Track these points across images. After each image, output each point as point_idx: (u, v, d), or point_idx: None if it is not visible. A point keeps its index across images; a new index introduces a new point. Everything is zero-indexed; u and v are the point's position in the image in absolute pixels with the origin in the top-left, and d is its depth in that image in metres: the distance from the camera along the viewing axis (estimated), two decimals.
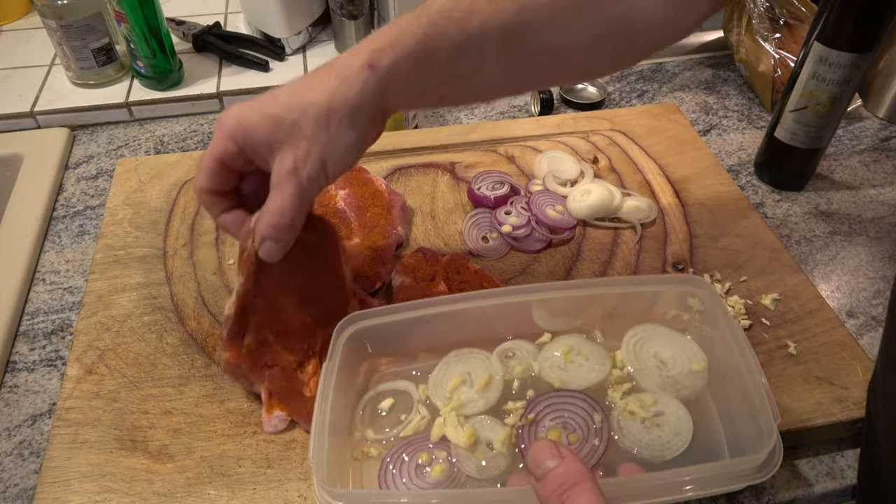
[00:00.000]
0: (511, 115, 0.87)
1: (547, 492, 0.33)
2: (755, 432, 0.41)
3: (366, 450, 0.46)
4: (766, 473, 0.39)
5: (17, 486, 0.49)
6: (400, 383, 0.49)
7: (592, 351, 0.49)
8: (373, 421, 0.47)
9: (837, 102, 0.67)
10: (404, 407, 0.48)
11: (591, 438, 0.44)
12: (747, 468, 0.39)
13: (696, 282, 0.49)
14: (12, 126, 0.81)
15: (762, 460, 0.39)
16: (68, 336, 0.59)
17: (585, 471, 0.33)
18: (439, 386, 0.48)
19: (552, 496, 0.33)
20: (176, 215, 0.66)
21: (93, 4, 0.80)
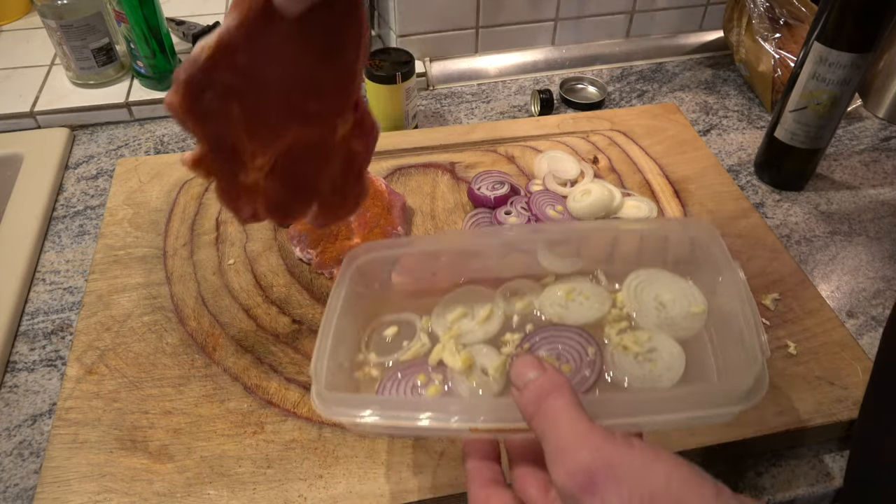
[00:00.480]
0: (511, 115, 0.87)
1: (526, 400, 0.33)
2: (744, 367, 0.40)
3: (366, 371, 0.47)
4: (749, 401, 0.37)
5: (17, 486, 0.49)
6: (405, 314, 0.50)
7: (593, 291, 0.50)
8: (376, 346, 0.48)
9: (837, 102, 0.67)
10: (407, 335, 0.49)
11: (582, 369, 0.45)
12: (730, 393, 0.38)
13: (701, 225, 0.49)
14: (12, 126, 0.81)
15: (746, 388, 0.37)
16: (68, 336, 0.59)
17: (565, 380, 0.34)
18: (442, 317, 0.49)
19: (530, 403, 0.33)
20: (176, 215, 0.66)
21: (93, 4, 0.80)
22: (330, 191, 0.45)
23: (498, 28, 0.91)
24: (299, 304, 0.58)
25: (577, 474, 0.29)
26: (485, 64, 0.93)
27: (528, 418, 0.33)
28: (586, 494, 0.29)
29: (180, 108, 0.37)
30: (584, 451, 0.30)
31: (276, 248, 0.63)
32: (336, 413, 0.39)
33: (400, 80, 0.75)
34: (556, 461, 0.31)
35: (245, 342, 0.55)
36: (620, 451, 0.29)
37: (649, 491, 0.28)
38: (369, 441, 0.49)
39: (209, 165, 0.39)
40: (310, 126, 0.41)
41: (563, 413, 0.32)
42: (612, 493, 0.28)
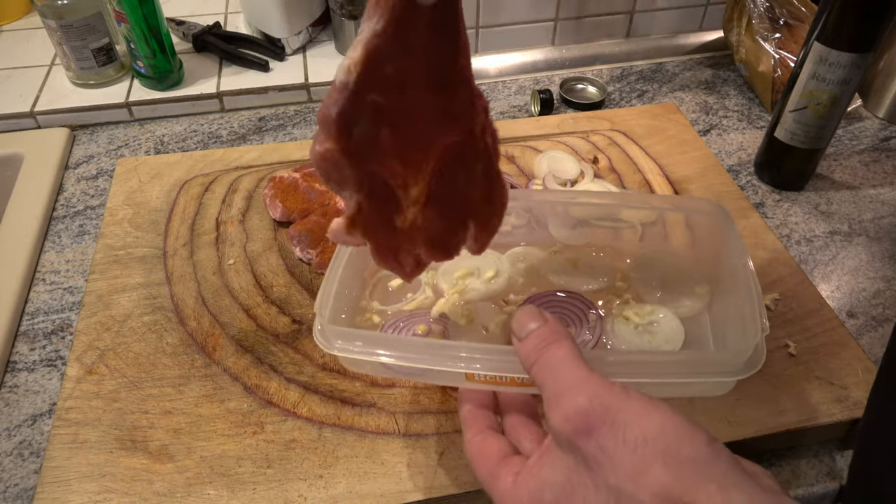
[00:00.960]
0: (511, 115, 0.87)
1: (527, 349, 0.34)
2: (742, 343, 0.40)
3: (369, 316, 0.47)
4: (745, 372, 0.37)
5: (18, 486, 0.49)
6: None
7: (599, 263, 0.51)
8: (381, 295, 0.49)
9: (837, 102, 0.67)
10: (412, 289, 0.50)
11: (583, 333, 0.45)
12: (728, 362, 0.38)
13: (712, 207, 0.49)
14: (12, 126, 0.81)
15: (744, 359, 0.38)
16: (68, 336, 0.59)
17: (566, 332, 0.34)
18: (448, 273, 0.50)
19: (531, 352, 0.33)
20: (176, 215, 0.66)
21: (93, 4, 0.80)
22: (481, 200, 0.40)
23: (498, 28, 0.91)
24: (299, 304, 0.58)
25: (574, 418, 0.30)
26: (485, 64, 0.93)
27: (528, 367, 0.33)
28: (582, 437, 0.29)
29: (339, 153, 0.32)
30: (581, 396, 0.30)
31: (276, 248, 0.63)
32: (335, 347, 0.39)
33: None
34: (553, 405, 0.31)
35: (245, 342, 0.55)
36: (618, 397, 0.30)
37: (643, 436, 0.29)
38: (369, 441, 0.49)
39: (365, 222, 0.36)
40: (454, 128, 0.36)
41: (563, 361, 0.32)
42: (608, 437, 0.29)
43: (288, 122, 0.85)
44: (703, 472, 0.28)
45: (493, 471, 0.34)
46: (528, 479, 0.32)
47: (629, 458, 0.28)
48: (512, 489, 0.32)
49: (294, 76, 0.88)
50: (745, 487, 0.27)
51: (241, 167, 0.71)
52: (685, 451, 0.28)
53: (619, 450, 0.29)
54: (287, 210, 0.64)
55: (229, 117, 0.85)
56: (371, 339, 0.40)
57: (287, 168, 0.70)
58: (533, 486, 0.32)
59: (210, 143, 0.81)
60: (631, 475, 0.28)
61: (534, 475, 0.32)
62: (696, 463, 0.28)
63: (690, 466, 0.28)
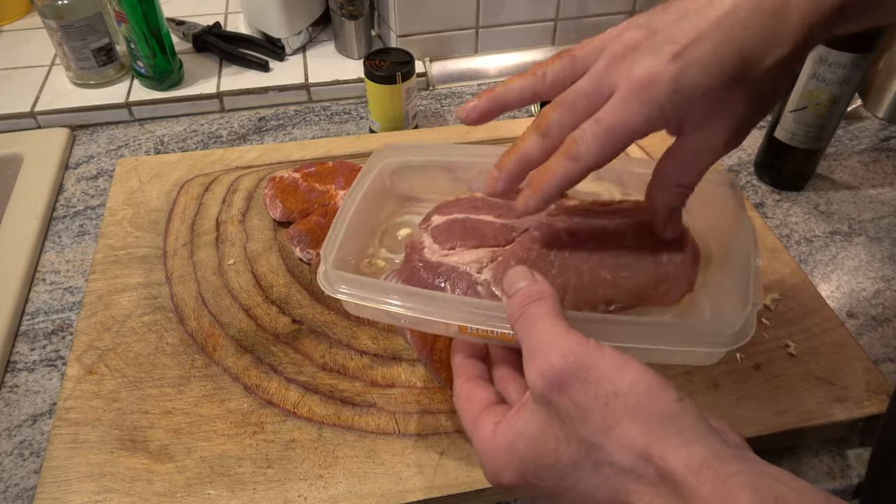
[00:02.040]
0: (511, 115, 0.87)
1: (513, 305, 0.34)
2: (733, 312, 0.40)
3: (373, 261, 0.47)
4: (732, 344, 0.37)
5: (18, 486, 0.49)
6: (420, 218, 0.50)
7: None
8: (389, 243, 0.48)
9: (837, 102, 0.67)
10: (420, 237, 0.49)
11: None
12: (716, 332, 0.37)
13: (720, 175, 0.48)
14: (12, 126, 0.81)
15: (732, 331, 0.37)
16: (68, 336, 0.59)
17: (551, 291, 0.34)
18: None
19: (516, 308, 0.34)
20: (176, 215, 0.66)
21: (93, 4, 0.80)
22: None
23: (498, 28, 0.91)
24: (299, 304, 0.58)
25: (548, 373, 0.31)
26: (485, 64, 0.93)
27: (512, 323, 0.34)
28: (555, 392, 0.30)
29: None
30: (555, 352, 0.31)
31: (276, 248, 0.63)
32: (339, 291, 0.40)
33: (400, 80, 0.75)
34: (530, 361, 0.32)
35: (245, 342, 0.55)
36: (591, 353, 0.31)
37: (615, 391, 0.30)
38: (369, 441, 0.49)
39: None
40: None
41: (543, 319, 0.33)
42: (580, 392, 0.30)
43: (288, 122, 0.85)
44: (669, 426, 0.29)
45: (476, 418, 0.36)
46: (505, 429, 0.33)
47: (600, 413, 0.30)
48: (491, 437, 0.34)
49: (294, 76, 0.88)
50: (708, 441, 0.29)
51: (241, 167, 0.72)
52: (654, 407, 0.29)
53: (591, 405, 0.30)
54: (287, 210, 0.64)
55: (229, 117, 0.85)
56: (369, 286, 0.40)
57: (287, 168, 0.70)
58: (510, 436, 0.33)
59: (210, 143, 0.81)
60: (601, 429, 0.30)
61: (511, 425, 0.33)
62: (663, 418, 0.29)
63: (658, 421, 0.29)
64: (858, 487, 0.50)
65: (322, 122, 0.85)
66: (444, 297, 0.40)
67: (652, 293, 0.41)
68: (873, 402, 0.51)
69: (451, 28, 0.90)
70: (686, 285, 0.42)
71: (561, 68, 0.39)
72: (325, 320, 0.57)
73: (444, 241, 0.45)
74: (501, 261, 0.42)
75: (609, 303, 0.41)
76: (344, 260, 0.43)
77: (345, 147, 0.74)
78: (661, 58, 0.34)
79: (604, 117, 0.35)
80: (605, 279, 0.41)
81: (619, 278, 0.41)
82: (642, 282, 0.41)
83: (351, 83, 0.88)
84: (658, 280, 0.42)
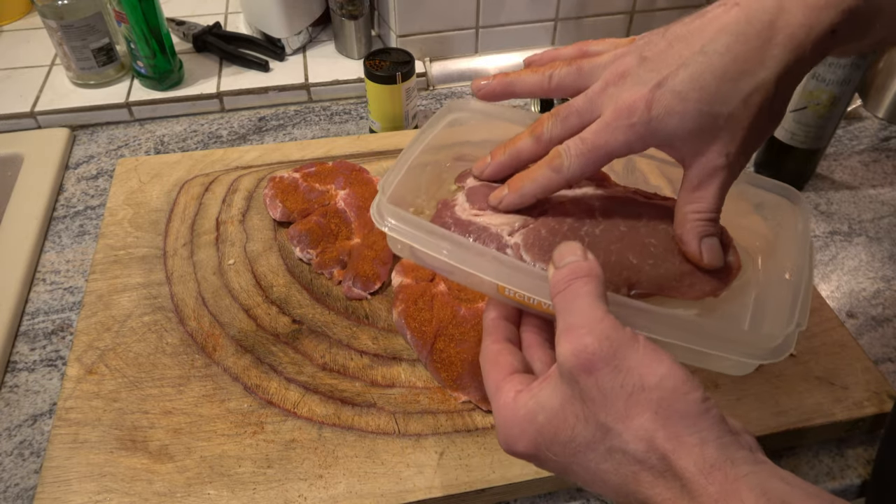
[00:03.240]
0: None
1: (558, 277, 0.34)
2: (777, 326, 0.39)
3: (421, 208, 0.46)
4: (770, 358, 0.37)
5: (18, 486, 0.49)
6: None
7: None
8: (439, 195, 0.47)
9: (837, 102, 0.67)
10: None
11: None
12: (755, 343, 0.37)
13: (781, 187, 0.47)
14: (12, 126, 0.81)
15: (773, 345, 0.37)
16: (68, 336, 0.59)
17: (599, 272, 0.35)
18: None
19: (560, 281, 0.34)
20: (176, 215, 0.66)
21: (93, 4, 0.80)
22: None
23: (498, 28, 0.91)
24: (299, 304, 0.58)
25: (581, 354, 0.31)
26: (485, 64, 0.93)
27: (553, 294, 0.34)
28: (583, 374, 0.31)
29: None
30: (591, 336, 0.31)
31: (276, 248, 0.63)
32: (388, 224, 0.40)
33: (400, 80, 0.75)
34: (564, 337, 0.32)
35: (245, 342, 0.55)
36: (625, 343, 0.31)
37: (642, 384, 0.30)
38: (369, 441, 0.49)
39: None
40: None
41: (584, 297, 0.33)
42: (607, 379, 0.31)
43: (288, 122, 0.85)
44: (689, 426, 0.29)
45: (499, 383, 0.36)
46: (526, 399, 0.34)
47: (623, 402, 0.30)
48: (512, 404, 0.34)
49: (294, 76, 0.88)
50: (723, 443, 0.29)
51: (241, 167, 0.72)
52: (677, 405, 0.30)
53: (616, 392, 0.30)
54: (287, 210, 0.64)
55: (229, 117, 0.85)
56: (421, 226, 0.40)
57: (287, 168, 0.70)
58: (530, 406, 0.33)
59: (210, 143, 0.81)
60: (621, 416, 0.30)
61: (533, 395, 0.34)
62: (684, 416, 0.30)
63: (678, 419, 0.30)
64: (862, 487, 0.50)
65: (322, 122, 0.85)
66: (493, 254, 0.39)
67: (675, 285, 0.41)
68: (873, 402, 0.51)
69: (451, 28, 0.90)
70: (711, 288, 0.42)
71: (567, 75, 0.41)
72: (325, 320, 0.57)
73: (477, 202, 0.44)
74: (533, 227, 0.42)
75: (631, 286, 0.41)
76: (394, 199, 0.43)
77: (345, 147, 0.74)
78: (644, 87, 0.36)
79: (588, 137, 0.38)
80: (630, 263, 0.41)
81: (644, 265, 0.41)
82: (667, 273, 0.41)
83: (351, 83, 0.88)
84: (684, 274, 0.41)
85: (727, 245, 0.43)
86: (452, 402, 0.51)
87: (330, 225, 0.62)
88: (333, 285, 0.60)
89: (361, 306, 0.58)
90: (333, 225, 0.62)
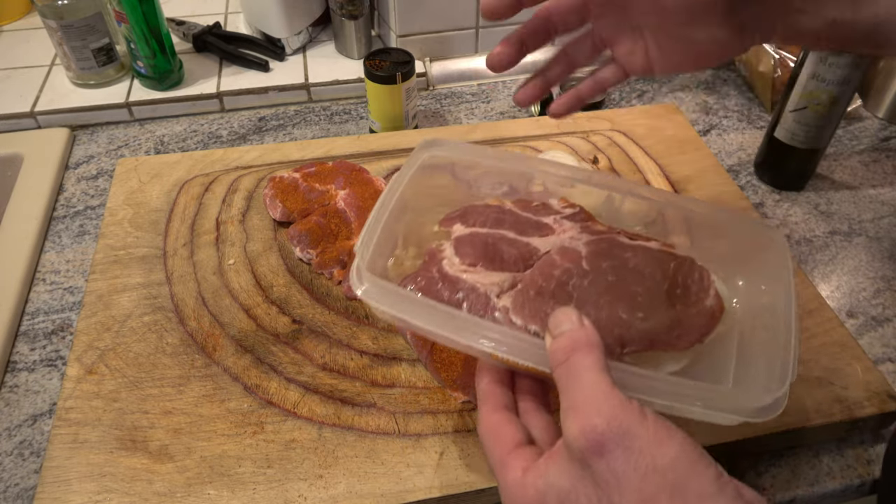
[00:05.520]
0: (511, 115, 0.87)
1: (556, 347, 0.34)
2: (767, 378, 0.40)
3: (402, 262, 0.46)
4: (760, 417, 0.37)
5: (18, 486, 0.49)
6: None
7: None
8: (418, 239, 0.47)
9: (837, 102, 0.67)
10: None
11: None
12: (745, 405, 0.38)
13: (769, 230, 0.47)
14: (12, 126, 0.81)
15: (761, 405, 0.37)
16: (68, 336, 0.59)
17: (598, 341, 0.34)
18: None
19: (560, 351, 0.34)
20: (176, 215, 0.66)
21: (93, 4, 0.80)
22: None
23: (498, 28, 0.91)
24: (299, 304, 0.58)
25: (590, 434, 0.30)
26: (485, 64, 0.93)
27: (554, 365, 0.34)
28: (594, 456, 0.30)
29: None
30: (600, 417, 0.31)
31: (276, 248, 0.63)
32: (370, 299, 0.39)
33: (400, 80, 0.75)
34: (571, 416, 0.31)
35: (245, 342, 0.55)
36: (635, 422, 0.30)
37: (654, 465, 0.29)
38: (369, 441, 0.49)
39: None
40: None
41: (588, 372, 0.32)
42: (620, 461, 0.30)
43: (288, 122, 0.85)
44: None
45: (504, 458, 0.35)
46: (535, 478, 0.33)
47: (637, 485, 0.29)
48: (520, 481, 0.34)
49: (294, 76, 0.88)
50: None
51: (241, 167, 0.72)
52: (692, 486, 0.29)
53: (629, 475, 0.30)
54: (287, 210, 0.64)
55: (229, 117, 0.85)
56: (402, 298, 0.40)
57: (287, 168, 0.70)
58: (540, 486, 0.33)
59: (210, 143, 0.81)
60: (636, 500, 0.29)
61: (542, 474, 0.33)
62: (700, 497, 0.29)
63: (694, 500, 0.29)
64: (861, 486, 0.50)
65: (322, 122, 0.85)
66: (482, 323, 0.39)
67: (665, 338, 0.41)
68: (873, 402, 0.51)
69: (451, 28, 0.90)
70: (699, 335, 0.42)
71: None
72: (325, 320, 0.57)
73: (465, 256, 0.44)
74: (521, 289, 0.42)
75: (624, 345, 0.40)
76: (374, 259, 0.42)
77: (345, 147, 0.74)
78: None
79: None
80: (621, 319, 0.41)
81: (634, 319, 0.41)
82: (657, 325, 0.41)
83: (351, 83, 0.88)
84: (672, 325, 0.41)
85: (707, 287, 0.43)
86: (452, 402, 0.51)
87: (330, 225, 0.62)
88: (333, 285, 0.60)
89: (361, 306, 0.58)
90: (333, 225, 0.63)
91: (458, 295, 0.42)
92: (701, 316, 0.42)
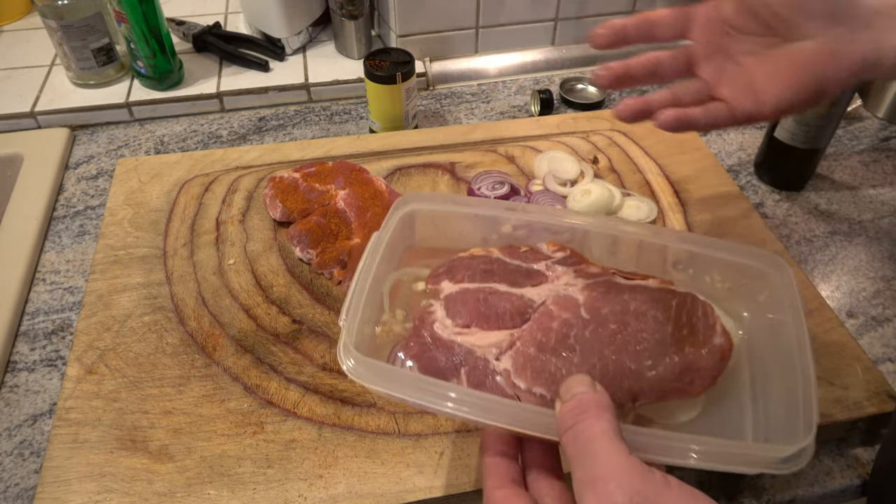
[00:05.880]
0: (511, 115, 0.87)
1: (565, 411, 0.33)
2: (789, 424, 0.38)
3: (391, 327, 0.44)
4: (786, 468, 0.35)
5: (18, 486, 0.49)
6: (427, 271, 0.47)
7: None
8: (405, 300, 0.45)
9: (837, 102, 0.67)
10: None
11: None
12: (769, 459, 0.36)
13: (772, 260, 0.45)
14: (12, 126, 0.81)
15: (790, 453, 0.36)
16: (68, 336, 0.59)
17: (609, 405, 0.33)
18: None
19: (569, 415, 0.32)
20: (176, 215, 0.66)
21: (93, 4, 0.80)
22: None
23: (498, 28, 0.91)
24: (299, 304, 0.58)
25: None
26: (485, 64, 0.93)
27: (562, 431, 0.32)
28: None
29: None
30: (621, 491, 0.29)
31: (276, 248, 0.63)
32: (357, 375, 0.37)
33: (400, 80, 0.75)
34: (588, 488, 0.30)
35: (245, 342, 0.55)
36: (658, 492, 0.29)
37: None
38: (369, 441, 0.49)
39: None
40: None
41: (601, 439, 0.31)
42: None
43: (288, 122, 0.85)
44: None
45: None
46: None
47: None
48: None
49: (294, 76, 0.88)
50: None
51: (241, 167, 0.72)
52: None
53: None
54: (287, 210, 0.64)
55: (229, 117, 0.85)
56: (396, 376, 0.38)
57: (287, 168, 0.70)
58: None
59: (210, 143, 0.81)
60: None
61: None
62: None
63: None
64: (862, 487, 0.50)
65: (322, 122, 0.85)
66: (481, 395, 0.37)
67: (677, 386, 0.39)
68: (873, 402, 0.51)
69: (451, 28, 0.90)
70: (711, 378, 0.40)
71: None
72: (325, 320, 0.57)
73: (457, 316, 0.42)
74: (520, 347, 0.40)
75: (635, 398, 0.39)
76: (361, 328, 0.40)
77: (345, 147, 0.74)
78: None
79: None
80: (629, 369, 0.39)
81: (643, 368, 0.39)
82: (667, 373, 0.39)
83: (351, 83, 0.88)
84: (682, 370, 0.40)
85: (713, 325, 0.42)
86: None
87: (330, 225, 0.62)
88: (333, 285, 0.60)
89: None
90: (333, 225, 0.63)
91: (454, 360, 0.40)
92: (711, 356, 0.40)
